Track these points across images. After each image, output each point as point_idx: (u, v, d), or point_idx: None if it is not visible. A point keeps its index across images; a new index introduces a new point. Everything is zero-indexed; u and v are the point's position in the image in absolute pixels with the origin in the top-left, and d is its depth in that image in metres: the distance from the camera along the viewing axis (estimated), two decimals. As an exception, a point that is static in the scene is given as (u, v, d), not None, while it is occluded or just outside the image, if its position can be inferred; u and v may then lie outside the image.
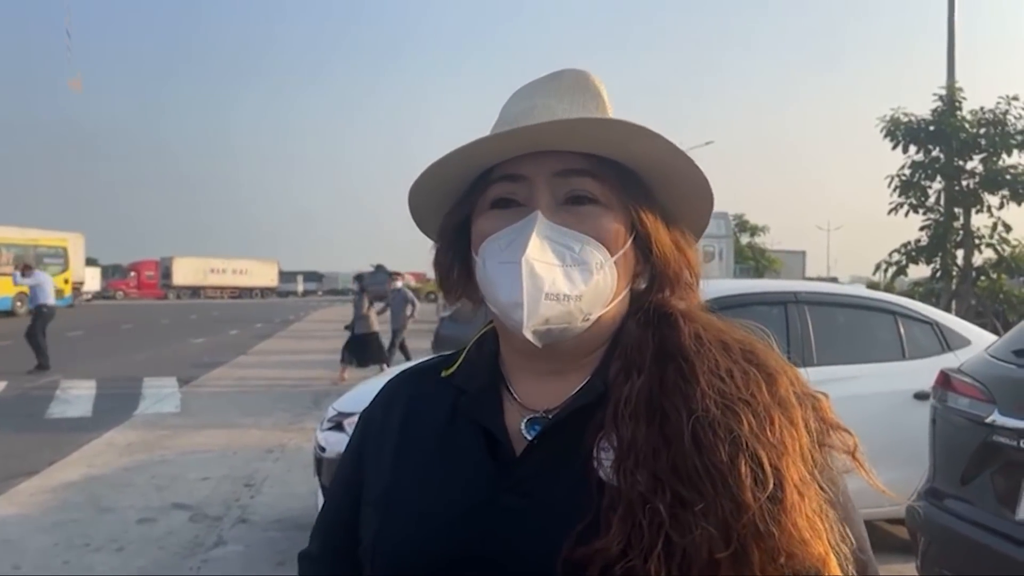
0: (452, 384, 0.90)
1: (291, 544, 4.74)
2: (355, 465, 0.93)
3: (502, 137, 0.79)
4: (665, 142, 0.80)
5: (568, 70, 0.88)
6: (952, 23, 13.13)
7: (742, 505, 0.68)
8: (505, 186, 0.82)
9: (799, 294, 4.80)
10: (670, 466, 0.71)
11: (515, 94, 0.89)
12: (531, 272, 0.76)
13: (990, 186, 11.59)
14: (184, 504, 5.62)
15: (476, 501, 0.78)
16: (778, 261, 34.10)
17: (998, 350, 3.08)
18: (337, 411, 4.67)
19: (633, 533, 0.68)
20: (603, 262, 0.80)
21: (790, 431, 0.73)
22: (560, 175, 0.81)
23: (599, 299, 0.80)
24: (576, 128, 0.79)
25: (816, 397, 0.80)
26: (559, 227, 0.79)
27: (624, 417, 0.75)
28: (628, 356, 0.81)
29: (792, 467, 0.71)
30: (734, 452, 0.70)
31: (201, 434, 8.09)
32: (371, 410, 0.97)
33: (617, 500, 0.71)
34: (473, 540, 0.76)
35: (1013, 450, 2.65)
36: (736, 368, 0.77)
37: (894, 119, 12.09)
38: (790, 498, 0.69)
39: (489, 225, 0.82)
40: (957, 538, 2.81)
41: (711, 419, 0.72)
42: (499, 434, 0.82)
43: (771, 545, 0.68)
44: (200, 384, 11.86)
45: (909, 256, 12.31)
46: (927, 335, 4.86)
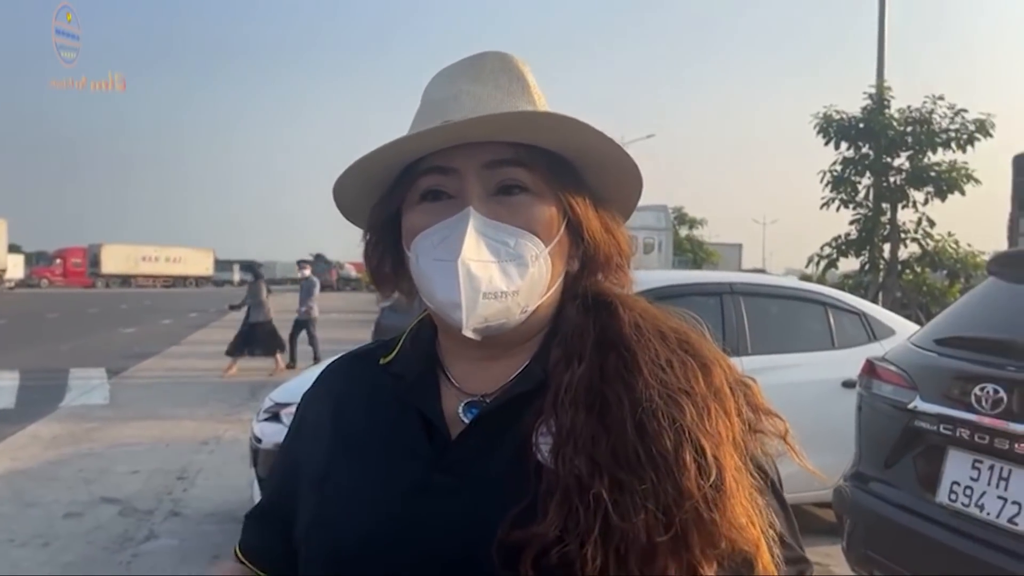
0: (389, 371, 0.90)
1: (227, 537, 4.65)
2: (292, 447, 0.93)
3: (428, 135, 0.77)
4: (595, 132, 0.80)
5: (490, 53, 0.87)
6: (882, 23, 13.54)
7: (684, 492, 0.69)
8: (434, 178, 0.81)
9: (734, 285, 4.91)
10: (610, 452, 0.72)
11: (436, 77, 0.88)
12: (468, 273, 0.76)
13: (916, 182, 12.02)
14: (113, 498, 5.46)
15: (411, 483, 0.78)
16: (715, 253, 34.82)
17: (920, 339, 3.20)
18: (274, 402, 4.60)
19: (570, 517, 0.69)
20: (538, 254, 0.80)
21: (725, 421, 0.75)
22: (490, 166, 0.80)
23: (535, 291, 0.81)
24: (505, 121, 0.78)
25: (747, 384, 0.82)
26: (492, 222, 0.79)
27: (564, 404, 0.76)
28: (569, 343, 0.81)
29: (728, 456, 0.73)
30: (678, 441, 0.71)
31: (131, 426, 7.87)
32: (310, 394, 0.97)
33: (554, 485, 0.71)
34: (407, 519, 0.77)
35: (933, 435, 2.77)
36: (675, 358, 0.78)
37: (827, 116, 12.42)
38: (729, 486, 0.71)
39: (420, 220, 0.81)
40: (881, 520, 2.93)
41: (654, 408, 0.73)
42: (435, 418, 0.82)
43: (711, 531, 0.69)
44: (130, 375, 11.54)
45: (839, 250, 12.68)
46: (855, 325, 5.03)
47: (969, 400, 2.62)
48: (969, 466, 2.62)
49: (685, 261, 30.50)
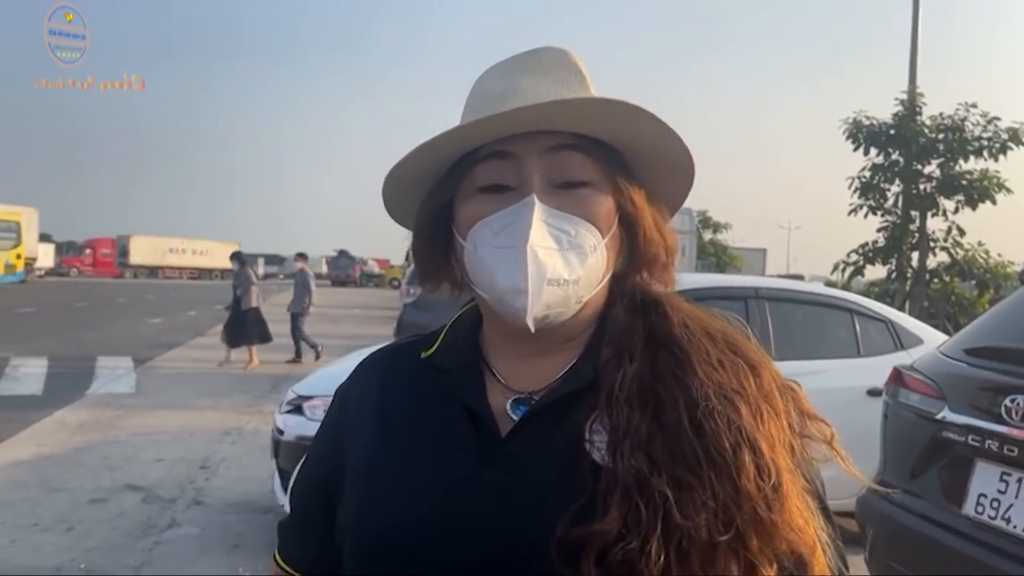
0: (432, 364, 0.89)
1: (246, 527, 4.70)
2: (333, 440, 0.91)
3: (495, 120, 0.76)
4: (660, 123, 0.80)
5: (547, 48, 0.86)
6: (916, 30, 13.38)
7: (744, 493, 0.69)
8: (493, 164, 0.80)
9: (760, 290, 4.87)
10: (668, 451, 0.71)
11: (490, 72, 0.87)
12: (535, 258, 0.75)
13: (946, 191, 11.87)
14: (137, 485, 5.53)
15: (460, 476, 0.78)
16: (739, 258, 34.59)
17: (950, 348, 3.16)
18: (297, 394, 4.63)
19: (630, 515, 0.69)
20: (596, 244, 0.80)
21: (776, 422, 0.75)
22: (551, 151, 0.79)
23: (592, 282, 0.80)
24: (570, 107, 0.77)
25: (793, 388, 0.81)
26: (555, 210, 0.78)
27: (619, 402, 0.75)
28: (619, 342, 0.81)
29: (782, 457, 0.72)
30: (736, 441, 0.71)
31: (156, 415, 7.97)
32: (348, 386, 0.95)
33: (613, 482, 0.71)
34: (456, 512, 0.76)
35: (961, 446, 2.73)
36: (725, 358, 0.78)
37: (856, 122, 12.30)
38: (786, 487, 0.71)
39: (479, 208, 0.80)
40: (905, 531, 2.88)
41: (712, 408, 0.73)
42: (483, 413, 0.81)
43: (771, 532, 0.69)
44: (156, 364, 11.68)
45: (866, 257, 12.55)
46: (882, 333, 4.97)
47: (999, 411, 2.58)
48: (997, 478, 2.58)
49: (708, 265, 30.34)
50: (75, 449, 6.53)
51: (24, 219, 31.91)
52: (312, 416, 4.37)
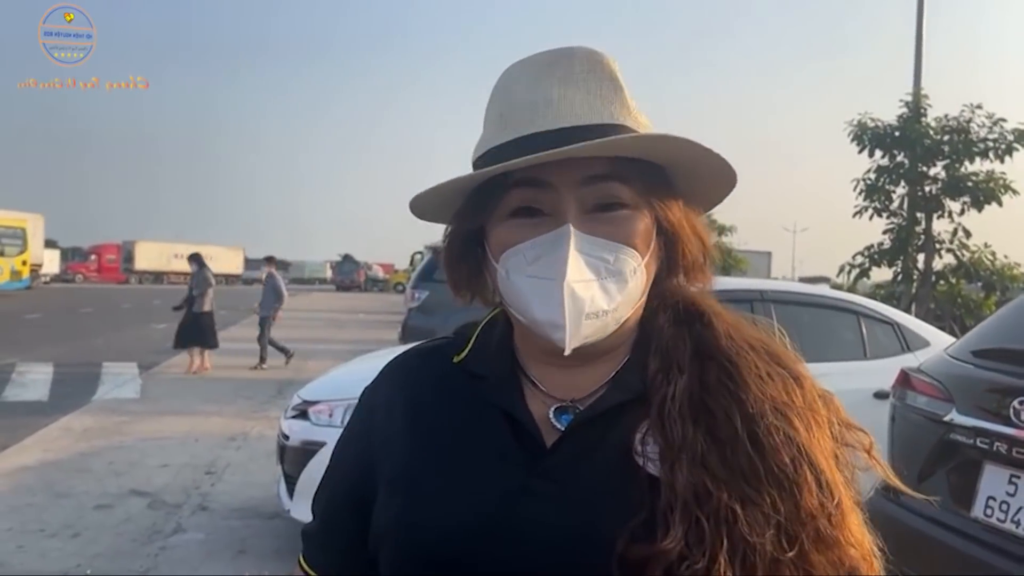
0: (465, 369, 0.87)
1: (252, 532, 4.69)
2: (361, 446, 0.88)
3: (522, 162, 0.73)
4: (704, 150, 0.77)
5: (577, 48, 0.81)
6: (920, 32, 13.36)
7: (806, 510, 0.69)
8: (527, 192, 0.77)
9: (765, 292, 4.86)
10: (726, 465, 0.71)
11: (518, 72, 0.82)
12: (572, 294, 0.73)
13: (952, 192, 11.82)
14: (142, 491, 5.53)
15: (508, 486, 0.76)
16: (744, 261, 34.46)
17: (957, 350, 3.14)
18: (302, 399, 4.63)
19: (691, 532, 0.67)
20: (636, 267, 0.78)
21: (823, 434, 0.74)
22: (587, 182, 0.76)
23: (631, 303, 0.79)
24: (610, 145, 0.74)
25: (829, 397, 0.80)
26: (592, 238, 0.75)
27: (671, 415, 0.74)
28: (665, 355, 0.80)
29: (835, 471, 0.72)
30: (795, 457, 0.71)
31: (161, 420, 7.98)
32: (374, 390, 0.93)
33: (673, 497, 0.69)
34: (507, 523, 0.74)
35: (969, 448, 2.71)
36: (772, 371, 0.77)
37: (861, 124, 12.27)
38: (846, 502, 0.71)
39: (512, 235, 0.78)
40: (913, 534, 2.87)
41: (768, 423, 0.72)
42: (526, 421, 0.80)
43: (833, 548, 0.69)
44: (161, 370, 11.68)
45: (872, 259, 12.51)
46: (888, 335, 4.95)
47: (1007, 413, 2.57)
48: (1006, 481, 2.56)
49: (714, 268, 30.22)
50: (81, 455, 6.54)
51: (30, 225, 32.01)
52: (317, 421, 4.36)
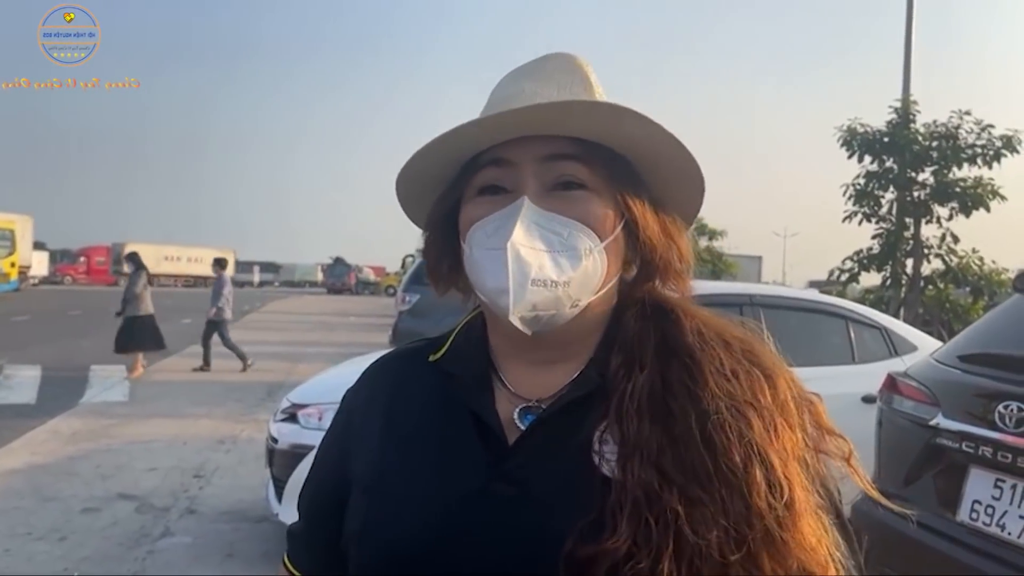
0: (440, 369, 0.88)
1: (240, 536, 4.67)
2: (340, 446, 0.90)
3: (487, 122, 0.77)
4: (654, 125, 0.79)
5: (554, 54, 0.87)
6: (909, 38, 13.45)
7: (755, 510, 0.68)
8: (492, 171, 0.81)
9: (754, 297, 4.88)
10: (678, 465, 0.70)
11: (503, 78, 0.88)
12: (516, 257, 0.75)
13: (940, 198, 11.90)
14: (130, 494, 5.49)
15: (469, 488, 0.77)
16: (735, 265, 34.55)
17: (944, 355, 3.16)
18: (291, 402, 4.62)
19: (640, 532, 0.67)
20: (592, 247, 0.79)
21: (791, 435, 0.73)
22: (547, 160, 0.80)
23: (588, 285, 0.79)
24: (562, 111, 0.77)
25: (812, 401, 0.80)
26: (546, 212, 0.78)
27: (629, 412, 0.74)
28: (628, 350, 0.80)
29: (795, 473, 0.71)
30: (747, 456, 0.70)
31: (150, 423, 7.93)
32: (355, 391, 0.95)
33: (623, 497, 0.70)
34: (466, 526, 0.75)
35: (955, 452, 2.73)
36: (740, 368, 0.77)
37: (851, 129, 12.34)
38: (799, 505, 0.70)
39: (476, 211, 0.81)
40: (900, 538, 2.88)
41: (722, 421, 0.72)
42: (492, 422, 0.80)
43: (782, 551, 0.68)
44: (150, 373, 11.60)
45: (861, 264, 12.57)
46: (876, 340, 4.98)
47: (992, 418, 2.58)
48: (991, 485, 2.58)
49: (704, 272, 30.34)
50: (68, 458, 6.50)
51: (18, 227, 31.79)
52: (307, 424, 4.35)
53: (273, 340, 17.53)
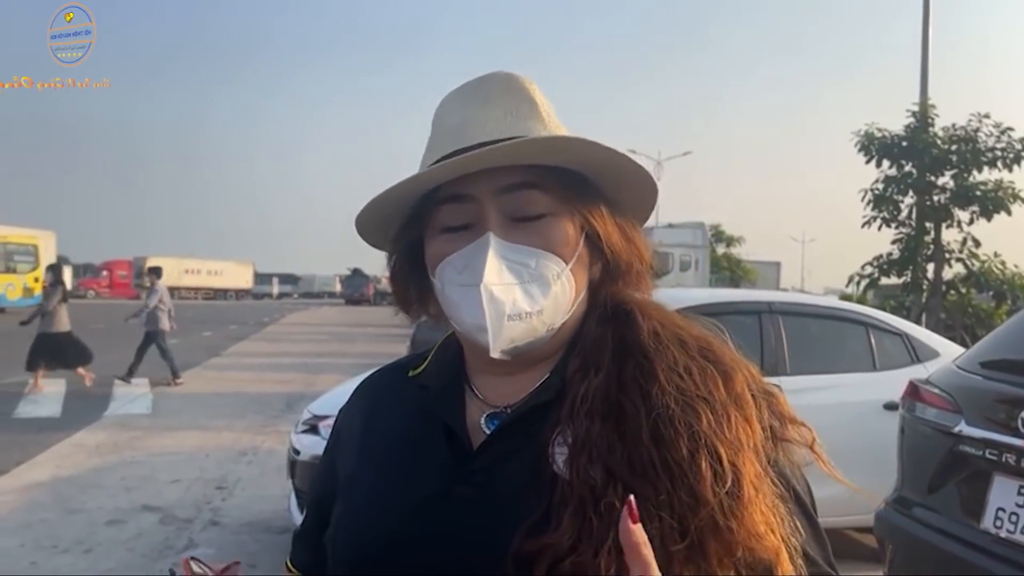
0: (417, 383, 0.93)
1: (262, 547, 4.71)
2: (330, 458, 0.97)
3: (448, 167, 0.78)
4: (604, 149, 0.81)
5: (495, 74, 0.87)
6: (926, 41, 13.38)
7: (700, 500, 0.69)
8: (451, 208, 0.82)
9: (773, 304, 4.86)
10: (626, 461, 0.72)
11: (446, 103, 0.88)
12: (491, 297, 0.77)
13: (960, 202, 11.81)
14: (154, 506, 5.55)
15: (431, 491, 0.80)
16: (753, 272, 34.44)
17: (966, 362, 3.14)
18: (312, 414, 4.65)
19: (584, 527, 0.69)
20: (559, 272, 0.81)
21: (745, 427, 0.75)
22: (505, 191, 0.81)
23: (560, 309, 0.82)
24: (515, 148, 0.78)
25: (771, 393, 0.81)
26: (512, 244, 0.80)
27: (580, 414, 0.77)
28: (587, 354, 0.82)
29: (748, 463, 0.72)
30: (693, 448, 0.71)
31: (173, 436, 8.01)
32: (346, 407, 1.01)
33: (568, 495, 0.72)
34: (426, 527, 0.78)
35: (978, 460, 2.71)
36: (694, 364, 0.78)
37: (868, 134, 12.29)
38: (747, 493, 0.71)
39: (442, 248, 0.83)
40: (924, 546, 2.86)
41: (670, 415, 0.73)
42: (457, 428, 0.84)
43: (728, 539, 0.69)
44: (172, 386, 11.72)
45: (881, 269, 12.49)
46: (897, 347, 4.94)
47: (1016, 425, 2.56)
48: (1015, 492, 2.56)
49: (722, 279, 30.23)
50: (93, 470, 6.57)
51: (41, 242, 32.24)
52: (327, 435, 4.38)
53: (293, 352, 17.63)
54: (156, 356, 11.67)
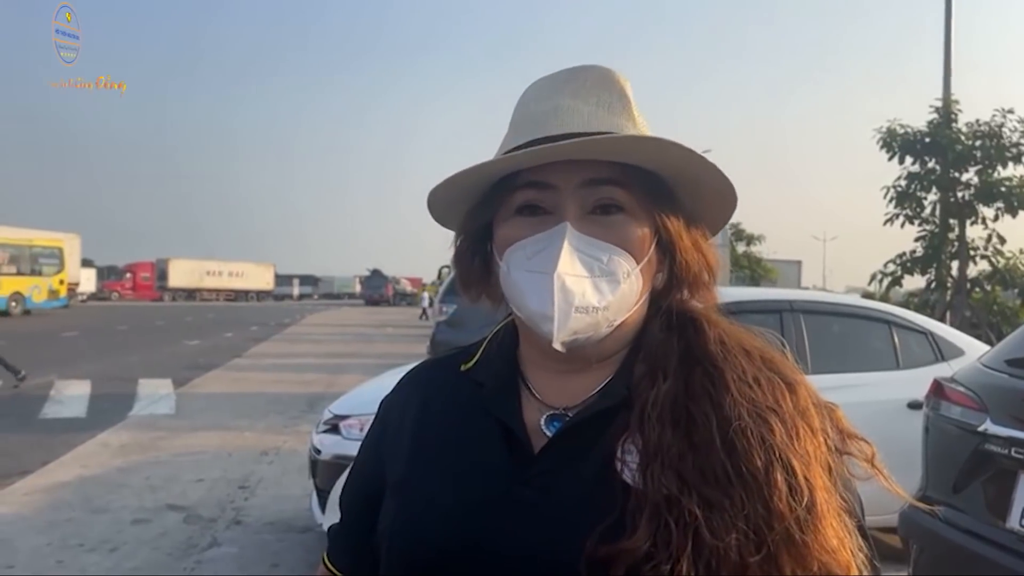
0: (470, 378, 0.91)
1: (285, 546, 4.74)
2: (375, 450, 0.93)
3: (534, 152, 0.77)
4: (697, 157, 0.80)
5: (591, 66, 0.86)
6: (949, 36, 13.22)
7: (775, 512, 0.69)
8: (531, 193, 0.81)
9: (794, 303, 4.82)
10: (698, 470, 0.71)
11: (534, 89, 0.87)
12: (563, 287, 0.76)
13: (985, 198, 11.66)
14: (178, 505, 5.61)
15: (492, 493, 0.79)
16: (774, 270, 34.16)
17: (991, 360, 3.10)
18: (333, 414, 4.68)
19: (659, 534, 0.69)
20: (629, 271, 0.80)
21: (812, 440, 0.74)
22: (588, 184, 0.80)
23: (624, 306, 0.81)
24: (607, 144, 0.78)
25: (831, 407, 0.81)
26: (587, 238, 0.79)
27: (651, 420, 0.75)
28: (653, 360, 0.81)
29: (818, 476, 0.72)
30: (768, 460, 0.71)
31: (196, 436, 8.08)
32: (390, 400, 0.98)
33: (643, 501, 0.71)
34: (486, 531, 0.77)
35: (1004, 458, 2.67)
36: (761, 376, 0.78)
37: (890, 130, 12.15)
38: (820, 507, 0.70)
39: (515, 232, 0.82)
40: (949, 546, 2.83)
41: (744, 426, 0.73)
42: (517, 429, 0.82)
43: (804, 553, 0.69)
44: (195, 386, 11.84)
45: (904, 267, 12.35)
46: (921, 345, 4.88)
47: (1043, 423, 2.53)
48: (1043, 492, 2.52)
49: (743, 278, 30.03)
50: (118, 470, 6.65)
51: (66, 245, 32.68)
52: (348, 435, 4.40)
53: (313, 352, 17.74)
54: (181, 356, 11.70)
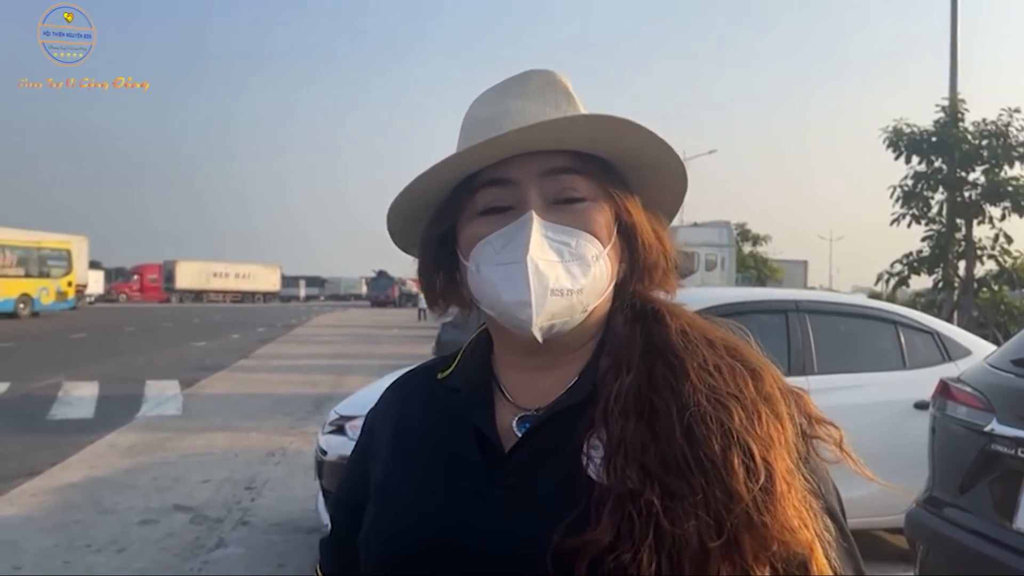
0: (447, 385, 0.93)
1: (291, 547, 4.76)
2: (361, 461, 0.96)
3: (487, 144, 0.79)
4: (648, 132, 0.82)
5: (534, 71, 0.89)
6: (955, 36, 13.20)
7: (734, 495, 0.70)
8: (492, 191, 0.83)
9: (800, 303, 4.81)
10: (659, 460, 0.72)
11: (481, 98, 0.89)
12: (536, 270, 0.78)
13: (992, 198, 11.62)
14: (185, 506, 5.63)
15: (464, 492, 0.80)
16: (780, 270, 34.13)
17: (997, 360, 3.09)
18: (339, 415, 4.69)
19: (623, 525, 0.70)
20: (598, 255, 0.82)
21: (776, 424, 0.75)
22: (547, 175, 0.82)
23: (596, 290, 0.83)
24: (559, 128, 0.80)
25: (798, 393, 0.82)
26: (554, 224, 0.81)
27: (614, 414, 0.77)
28: (617, 353, 0.83)
29: (779, 459, 0.73)
30: (726, 444, 0.72)
31: (203, 437, 8.11)
32: (374, 410, 1.00)
33: (606, 495, 0.72)
34: (458, 528, 0.78)
35: (1011, 459, 2.67)
36: (723, 363, 0.79)
37: (896, 130, 12.13)
38: (779, 488, 0.71)
39: (480, 230, 0.83)
40: (955, 546, 2.82)
41: (702, 413, 0.74)
42: (489, 431, 0.84)
43: (763, 534, 0.69)
44: (202, 387, 11.88)
45: (911, 267, 12.33)
46: (928, 345, 4.87)
47: (1050, 423, 2.52)
48: (1050, 492, 2.52)
49: (748, 278, 29.99)
50: (125, 471, 6.68)
51: (74, 247, 32.78)
52: (354, 436, 4.38)
53: (320, 353, 17.78)
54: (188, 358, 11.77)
